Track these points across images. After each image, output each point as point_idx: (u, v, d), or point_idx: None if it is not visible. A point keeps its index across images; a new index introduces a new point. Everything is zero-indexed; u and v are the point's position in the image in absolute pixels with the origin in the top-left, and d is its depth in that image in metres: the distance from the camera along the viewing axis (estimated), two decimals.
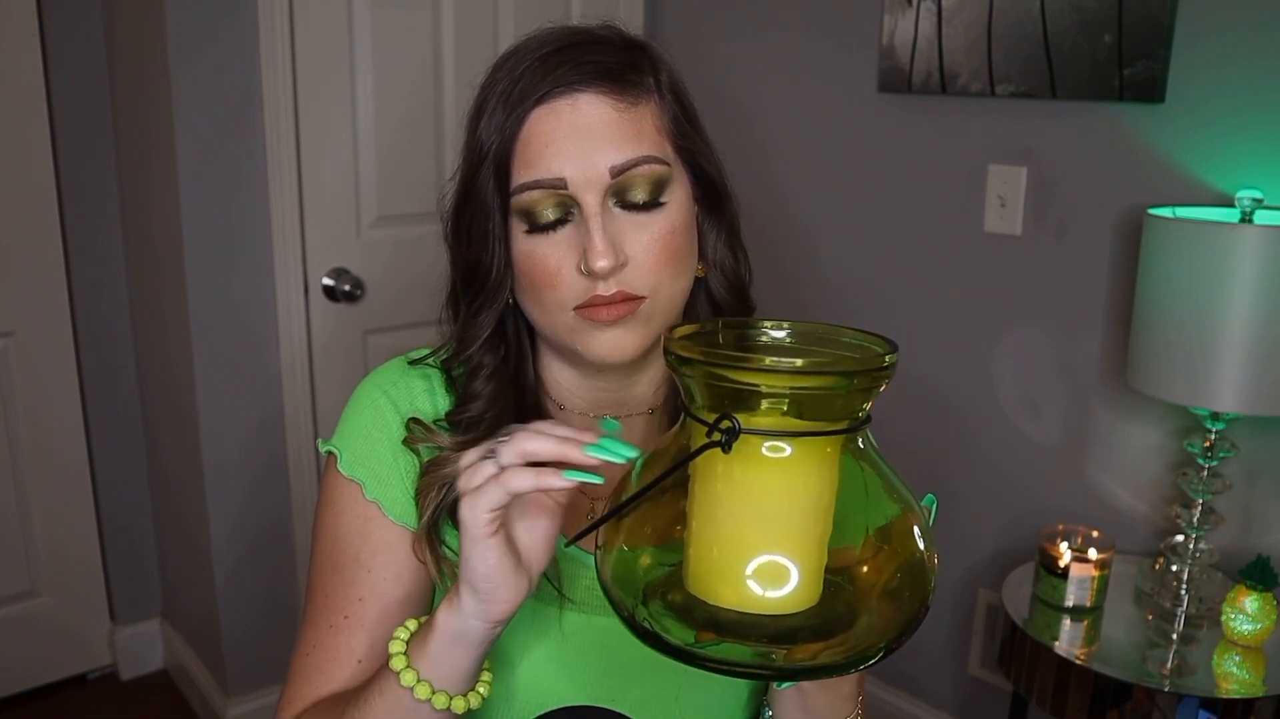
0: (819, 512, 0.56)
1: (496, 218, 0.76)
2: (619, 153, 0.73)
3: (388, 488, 0.81)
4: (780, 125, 2.23)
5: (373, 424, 0.83)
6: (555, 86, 0.73)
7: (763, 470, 0.54)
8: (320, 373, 2.08)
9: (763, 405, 0.53)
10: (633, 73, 0.76)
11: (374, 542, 0.80)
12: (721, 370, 0.54)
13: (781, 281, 2.26)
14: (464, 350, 0.82)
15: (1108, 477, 1.82)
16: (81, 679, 2.37)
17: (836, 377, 0.54)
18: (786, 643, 0.55)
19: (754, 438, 0.53)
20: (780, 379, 0.53)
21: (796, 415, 0.54)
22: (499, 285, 0.78)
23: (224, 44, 1.87)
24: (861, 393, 0.55)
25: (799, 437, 0.54)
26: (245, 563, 2.09)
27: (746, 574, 0.54)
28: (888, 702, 2.19)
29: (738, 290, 0.85)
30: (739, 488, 0.54)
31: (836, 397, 0.54)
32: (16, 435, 2.16)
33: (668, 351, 0.56)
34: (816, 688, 0.72)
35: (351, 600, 0.79)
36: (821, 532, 0.56)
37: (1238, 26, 1.56)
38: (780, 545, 0.54)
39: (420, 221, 2.12)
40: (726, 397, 0.54)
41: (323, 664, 0.79)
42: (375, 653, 0.79)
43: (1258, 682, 1.45)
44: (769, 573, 0.54)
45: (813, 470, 0.55)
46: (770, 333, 0.64)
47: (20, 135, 2.04)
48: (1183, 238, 1.44)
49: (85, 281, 2.20)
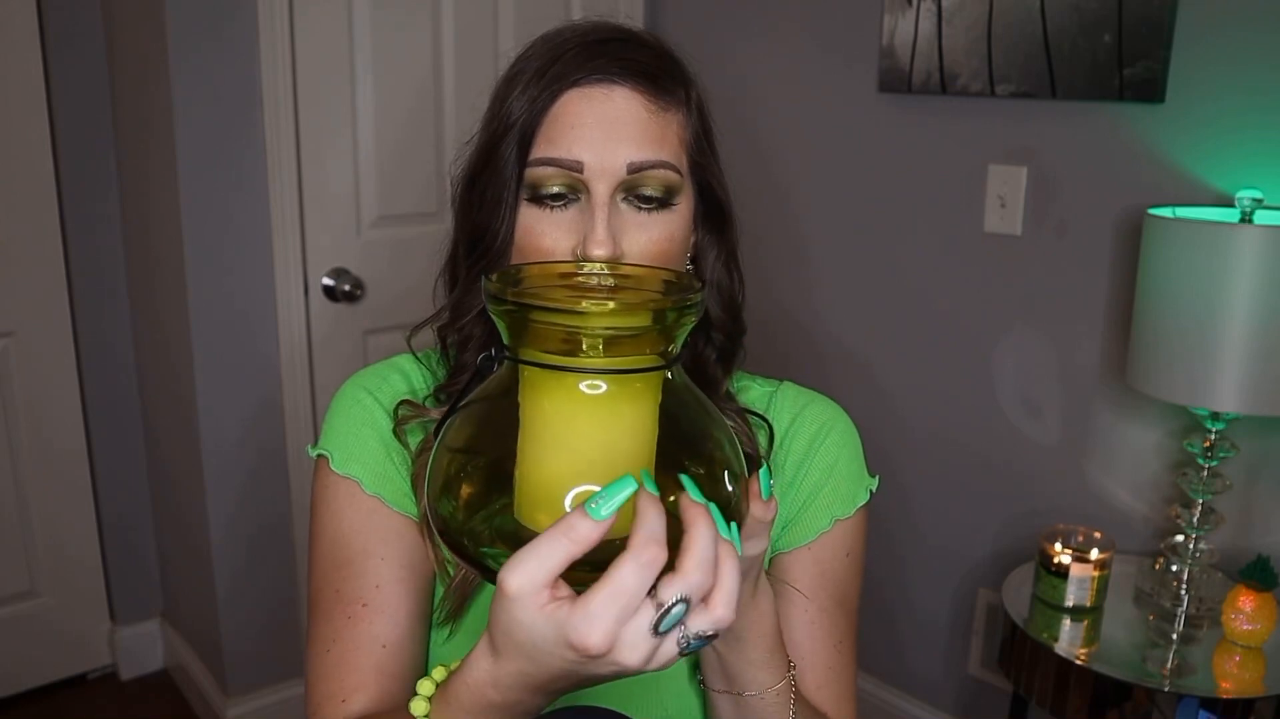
0: (633, 443, 0.57)
1: (512, 187, 0.76)
2: (640, 151, 0.74)
3: (386, 481, 0.81)
4: (780, 125, 2.23)
5: (360, 421, 0.83)
6: (593, 74, 0.75)
7: (574, 404, 0.56)
8: (320, 373, 2.08)
9: (582, 344, 0.55)
10: (669, 80, 0.78)
11: (382, 531, 0.81)
12: (525, 311, 0.56)
13: (781, 281, 2.26)
14: (459, 319, 0.83)
15: (1108, 477, 1.82)
16: (81, 679, 2.37)
17: (635, 313, 0.56)
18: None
19: (570, 375, 0.55)
20: (576, 319, 0.55)
21: (611, 353, 0.56)
22: (502, 254, 0.79)
23: (224, 44, 1.87)
24: (664, 331, 0.57)
25: (561, 370, 0.55)
26: (245, 563, 2.09)
27: (565, 503, 0.56)
28: (888, 702, 2.19)
29: (731, 309, 0.86)
30: (554, 421, 0.56)
31: (638, 335, 0.56)
32: (16, 435, 2.16)
33: (486, 292, 0.58)
34: (725, 651, 0.72)
35: (368, 589, 0.79)
36: (638, 463, 0.57)
37: (1238, 26, 1.56)
38: (596, 475, 0.56)
39: (420, 221, 2.12)
40: (528, 333, 0.57)
41: (346, 656, 0.78)
42: (397, 638, 0.79)
43: (1258, 682, 1.45)
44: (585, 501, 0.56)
45: (624, 405, 0.57)
46: (586, 276, 0.67)
47: (20, 135, 2.04)
48: (1183, 238, 1.44)
49: (85, 281, 2.20)
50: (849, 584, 0.88)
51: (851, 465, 0.89)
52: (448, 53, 2.13)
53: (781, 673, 0.72)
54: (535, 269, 0.68)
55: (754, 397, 0.91)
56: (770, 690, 0.72)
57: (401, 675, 0.79)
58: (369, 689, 0.77)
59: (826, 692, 0.84)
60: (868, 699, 2.20)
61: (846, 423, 0.90)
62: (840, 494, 0.87)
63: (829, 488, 0.87)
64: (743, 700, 0.73)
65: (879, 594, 2.16)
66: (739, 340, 0.88)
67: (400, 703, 0.78)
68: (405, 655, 0.80)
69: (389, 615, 0.79)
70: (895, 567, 2.15)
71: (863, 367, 2.15)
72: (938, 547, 2.08)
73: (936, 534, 2.08)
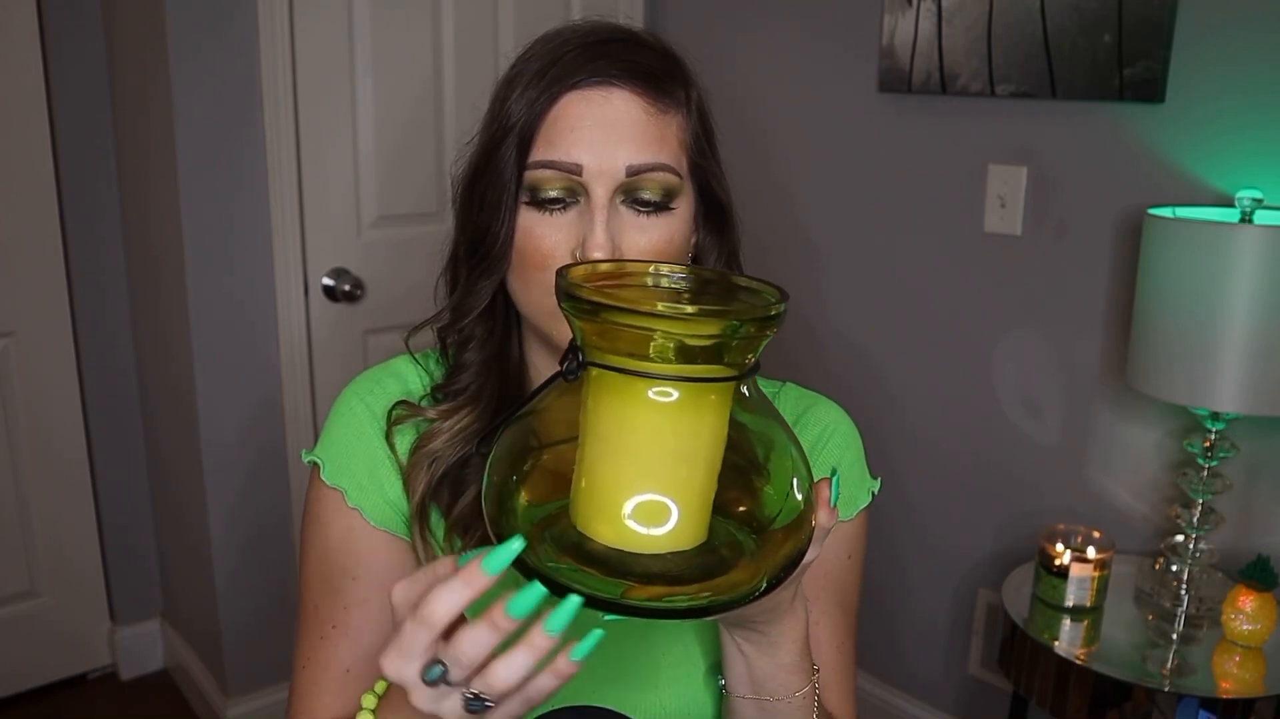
0: (699, 455, 0.55)
1: (511, 189, 0.76)
2: (639, 153, 0.74)
3: (367, 495, 0.82)
4: (780, 125, 2.23)
5: (351, 433, 0.84)
6: (593, 76, 0.74)
7: (640, 410, 0.54)
8: (320, 373, 2.08)
9: (650, 349, 0.53)
10: (669, 81, 0.77)
11: (358, 549, 0.81)
12: (608, 313, 0.53)
13: (781, 281, 2.25)
14: (459, 320, 0.83)
15: (1108, 477, 1.82)
16: (81, 679, 2.37)
17: (716, 321, 0.53)
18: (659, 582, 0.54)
19: (640, 381, 0.53)
20: (663, 323, 0.52)
21: (684, 360, 0.53)
22: (502, 256, 0.78)
23: (224, 44, 1.87)
24: (745, 342, 0.54)
25: (649, 377, 0.53)
26: (245, 563, 2.09)
27: (625, 513, 0.54)
28: (888, 702, 2.19)
29: None
30: (618, 427, 0.55)
31: (719, 345, 0.53)
32: (16, 436, 2.16)
33: (562, 292, 0.55)
34: (756, 655, 0.71)
35: (338, 610, 0.80)
36: (702, 475, 0.56)
37: (1238, 26, 1.56)
38: (660, 485, 0.54)
39: (420, 221, 2.12)
40: (611, 336, 0.54)
41: (316, 677, 0.79)
42: (363, 662, 0.79)
43: (1258, 682, 1.45)
44: (648, 511, 0.54)
45: (692, 414, 0.55)
46: (667, 276, 0.64)
47: (20, 135, 2.04)
48: (1183, 238, 1.44)
49: (85, 281, 2.20)
50: (850, 586, 0.88)
51: (854, 468, 0.89)
52: (448, 53, 2.13)
53: (808, 677, 0.73)
54: (612, 265, 0.65)
55: None
56: (798, 694, 0.73)
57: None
58: (332, 715, 0.79)
59: (827, 693, 0.84)
60: (868, 699, 2.20)
61: (849, 425, 0.90)
62: (843, 496, 0.87)
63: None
64: (769, 705, 0.73)
65: (879, 594, 2.16)
66: None
67: None
68: (368, 681, 0.79)
69: (353, 639, 0.79)
70: (895, 567, 2.15)
71: (863, 366, 2.15)
72: (938, 547, 2.08)
73: (936, 534, 2.08)
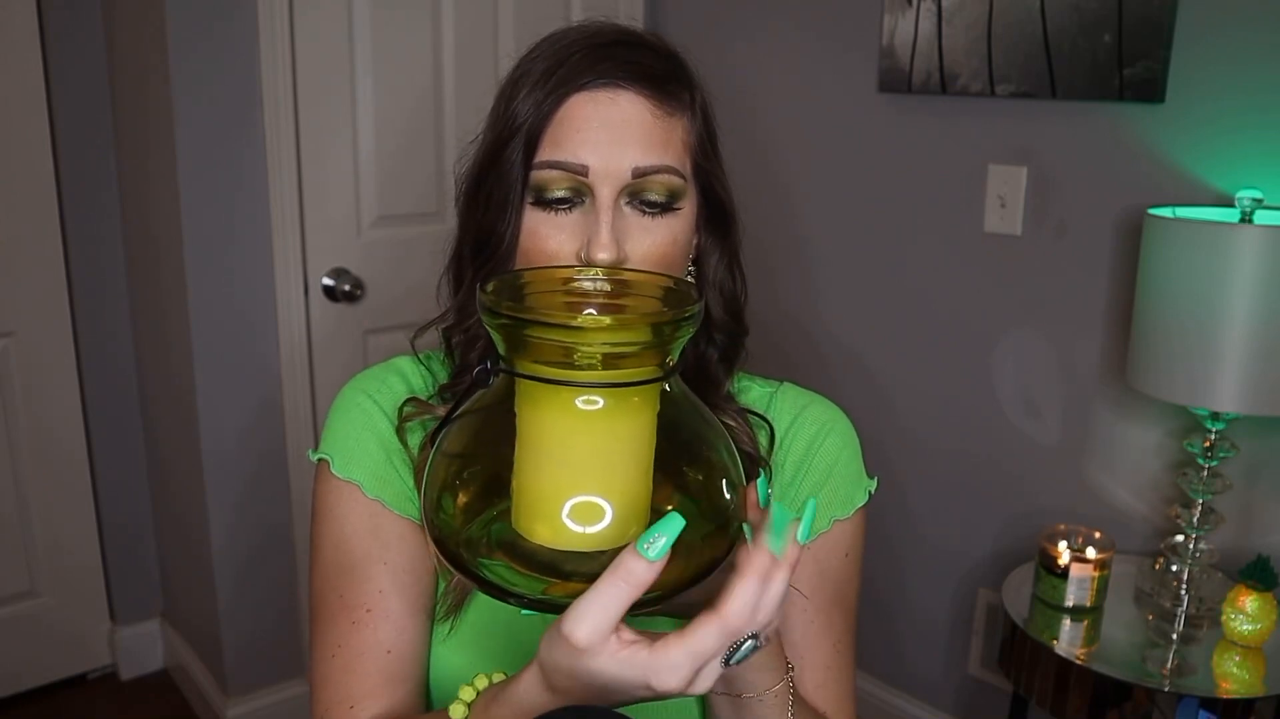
0: (631, 455, 0.57)
1: (517, 189, 0.77)
2: (645, 155, 0.75)
3: (387, 484, 0.82)
4: (780, 125, 2.23)
5: (361, 425, 0.84)
6: (600, 77, 0.75)
7: (571, 418, 0.56)
8: (320, 373, 2.08)
9: (572, 356, 0.55)
10: (674, 84, 0.78)
11: (385, 535, 0.81)
12: (520, 325, 0.55)
13: (781, 281, 2.26)
14: (464, 320, 0.84)
15: (1108, 477, 1.82)
16: (81, 679, 2.37)
17: (631, 330, 0.55)
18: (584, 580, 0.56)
19: (566, 389, 0.55)
20: (572, 335, 0.54)
21: (605, 367, 0.55)
22: (508, 256, 0.79)
23: (224, 44, 1.87)
24: (659, 344, 0.56)
25: (563, 384, 0.55)
26: (245, 563, 2.09)
27: (563, 515, 0.56)
28: (888, 702, 2.19)
29: (733, 311, 0.87)
30: (551, 434, 0.56)
31: (638, 349, 0.55)
32: (16, 436, 2.16)
33: (481, 305, 0.57)
34: None
35: (372, 594, 0.79)
36: (632, 474, 0.57)
37: (1238, 26, 1.56)
38: (594, 487, 0.56)
39: (420, 221, 2.11)
40: (524, 346, 0.56)
41: (351, 662, 0.78)
42: (402, 643, 0.79)
43: (1258, 682, 1.45)
44: (581, 512, 0.56)
45: (622, 418, 0.56)
46: (584, 282, 0.66)
47: (20, 135, 2.04)
48: (1183, 238, 1.44)
49: (85, 281, 2.20)
50: (848, 585, 0.88)
51: (851, 467, 0.89)
52: (448, 53, 2.12)
53: (780, 675, 0.72)
54: (533, 275, 0.67)
55: (754, 397, 0.92)
56: (769, 692, 0.72)
57: (408, 680, 0.79)
58: (377, 696, 0.78)
59: (825, 692, 0.84)
60: (868, 699, 2.20)
61: (846, 424, 0.91)
62: (839, 495, 0.87)
63: (828, 489, 0.87)
64: (741, 702, 0.73)
65: (879, 594, 2.16)
66: (741, 341, 0.88)
67: (411, 707, 0.79)
68: (410, 660, 0.80)
69: (393, 621, 0.79)
70: (895, 567, 2.15)
71: (863, 366, 2.15)
72: (938, 547, 2.08)
73: (936, 534, 2.08)
